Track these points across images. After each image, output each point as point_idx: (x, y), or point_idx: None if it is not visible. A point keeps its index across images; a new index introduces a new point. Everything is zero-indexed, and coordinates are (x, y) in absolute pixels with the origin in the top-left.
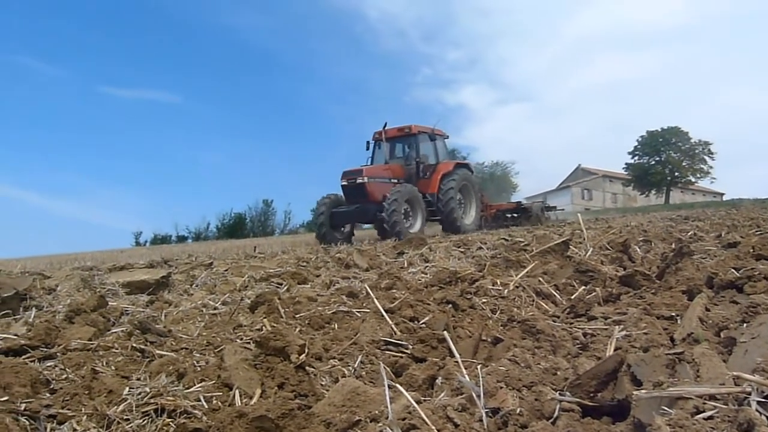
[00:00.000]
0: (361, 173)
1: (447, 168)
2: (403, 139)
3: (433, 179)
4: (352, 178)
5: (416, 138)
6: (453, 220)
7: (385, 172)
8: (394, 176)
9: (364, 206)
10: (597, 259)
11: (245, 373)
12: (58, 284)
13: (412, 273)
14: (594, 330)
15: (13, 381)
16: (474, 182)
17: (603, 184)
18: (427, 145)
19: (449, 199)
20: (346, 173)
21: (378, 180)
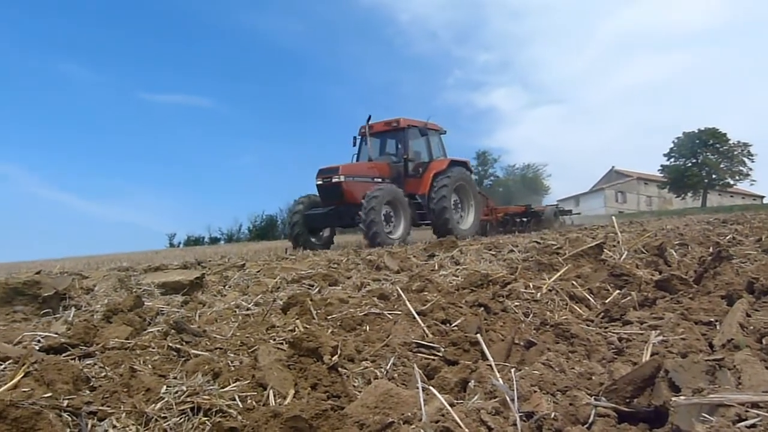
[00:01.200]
0: (337, 171)
1: (440, 166)
2: (391, 134)
3: (423, 179)
4: (328, 177)
5: (405, 133)
6: (446, 224)
7: (369, 170)
8: (380, 175)
9: (339, 208)
10: (632, 263)
11: (279, 374)
12: (96, 284)
13: (443, 275)
14: (629, 335)
15: (56, 378)
16: (472, 182)
17: (637, 187)
18: (418, 141)
19: (441, 201)
20: (321, 171)
21: (358, 179)
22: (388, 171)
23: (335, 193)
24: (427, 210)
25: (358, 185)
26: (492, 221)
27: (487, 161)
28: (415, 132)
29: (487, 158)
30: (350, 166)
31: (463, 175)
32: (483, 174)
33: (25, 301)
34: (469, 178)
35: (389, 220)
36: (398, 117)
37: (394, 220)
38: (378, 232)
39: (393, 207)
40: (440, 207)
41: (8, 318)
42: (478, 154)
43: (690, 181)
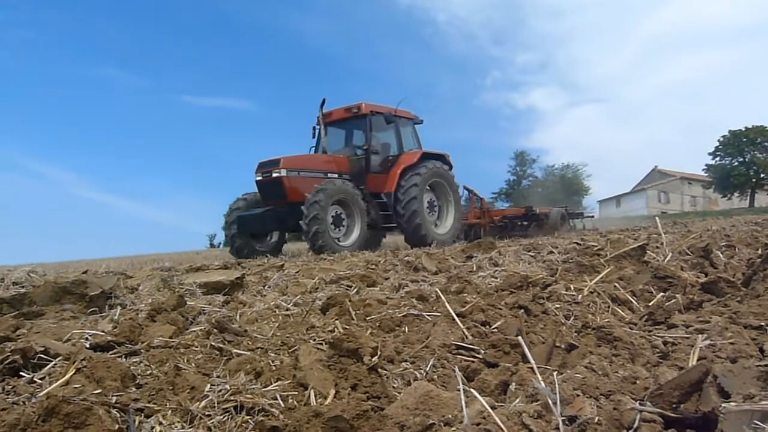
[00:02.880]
0: (277, 164)
1: (410, 160)
2: (351, 122)
3: (390, 174)
4: (268, 171)
5: (367, 120)
6: (417, 228)
7: (321, 163)
8: (337, 170)
9: (279, 208)
10: (676, 265)
11: (320, 374)
12: (140, 284)
13: (481, 277)
14: (675, 338)
15: (106, 375)
16: (452, 179)
17: (681, 187)
18: (384, 131)
19: (411, 202)
20: (261, 164)
21: (305, 173)
22: (348, 165)
23: (275, 191)
24: (394, 212)
25: (303, 181)
26: (484, 225)
27: (526, 162)
28: (379, 120)
29: (525, 159)
30: (295, 158)
31: (439, 170)
32: (522, 174)
33: (73, 299)
34: (447, 175)
35: (339, 222)
36: (360, 102)
37: (347, 223)
38: (322, 237)
39: (345, 207)
40: (410, 208)
41: (57, 316)
42: (516, 155)
43: (737, 181)
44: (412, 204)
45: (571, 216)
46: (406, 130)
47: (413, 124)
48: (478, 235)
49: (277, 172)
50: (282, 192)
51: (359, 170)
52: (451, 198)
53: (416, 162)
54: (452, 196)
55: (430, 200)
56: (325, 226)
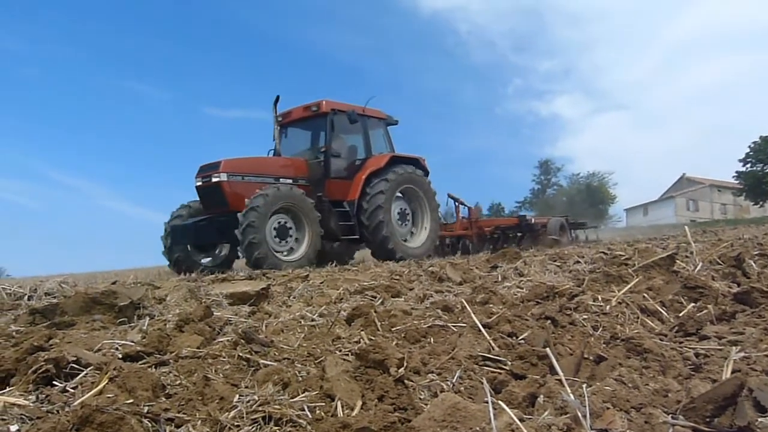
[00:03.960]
0: (217, 167)
1: (377, 164)
2: (311, 122)
3: (354, 180)
4: (207, 176)
5: (328, 120)
6: (384, 241)
7: (275, 167)
8: (294, 174)
9: (218, 218)
10: (707, 275)
11: (346, 385)
12: (168, 294)
13: (506, 287)
14: (707, 350)
15: (137, 385)
16: (428, 186)
17: (710, 194)
18: (350, 132)
19: (376, 211)
20: (201, 168)
21: (250, 178)
22: (306, 170)
23: (215, 197)
24: (358, 222)
25: (248, 187)
26: (471, 237)
27: (550, 170)
28: (342, 120)
29: (549, 167)
30: (238, 160)
31: (411, 176)
32: (546, 183)
33: (103, 310)
34: (421, 181)
35: (284, 234)
36: (321, 99)
37: (295, 235)
38: (259, 248)
39: (292, 216)
40: (375, 219)
41: (88, 326)
42: (540, 163)
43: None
44: (377, 214)
45: (573, 226)
46: (376, 132)
47: (385, 125)
48: (466, 248)
49: (216, 176)
50: (222, 199)
51: (319, 175)
52: (426, 207)
53: (384, 167)
54: (428, 205)
55: (402, 209)
56: (263, 236)
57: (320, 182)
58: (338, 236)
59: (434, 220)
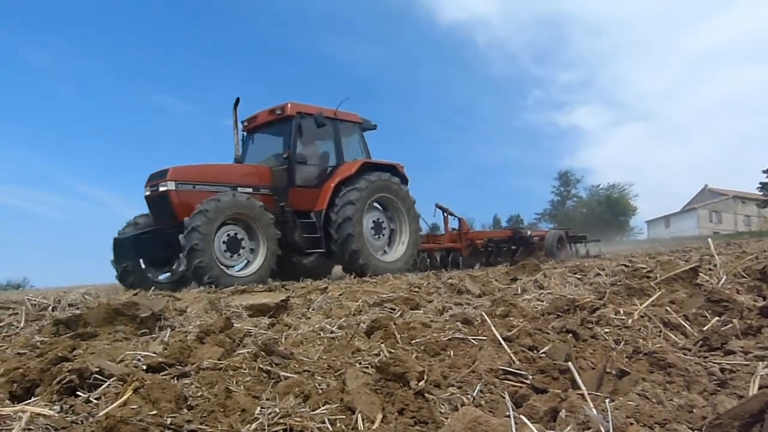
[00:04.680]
0: (165, 176)
1: (347, 171)
2: (278, 126)
3: (323, 189)
4: (155, 185)
5: (293, 123)
6: (353, 255)
7: (232, 175)
8: (257, 183)
9: (164, 230)
10: (731, 288)
11: (367, 398)
12: (188, 306)
13: (526, 300)
14: (732, 365)
15: (161, 396)
16: (406, 196)
17: (734, 206)
18: (320, 137)
19: (345, 223)
20: (150, 177)
21: (202, 187)
22: (270, 178)
23: (162, 208)
24: (324, 234)
25: (199, 196)
26: (461, 249)
27: (570, 181)
28: (309, 124)
29: (569, 178)
30: (189, 168)
31: (387, 184)
32: (566, 195)
33: (125, 321)
34: (398, 190)
35: (236, 246)
36: (287, 102)
37: (249, 247)
38: (202, 260)
39: (245, 228)
40: (344, 231)
41: (110, 337)
42: (560, 174)
43: None
44: (346, 226)
45: (573, 239)
46: (349, 138)
47: (361, 130)
48: (456, 262)
49: (164, 185)
50: (169, 209)
51: (284, 184)
52: (404, 218)
53: (355, 174)
54: (406, 216)
55: (377, 221)
56: (207, 246)
57: (283, 191)
58: (303, 250)
59: (413, 233)
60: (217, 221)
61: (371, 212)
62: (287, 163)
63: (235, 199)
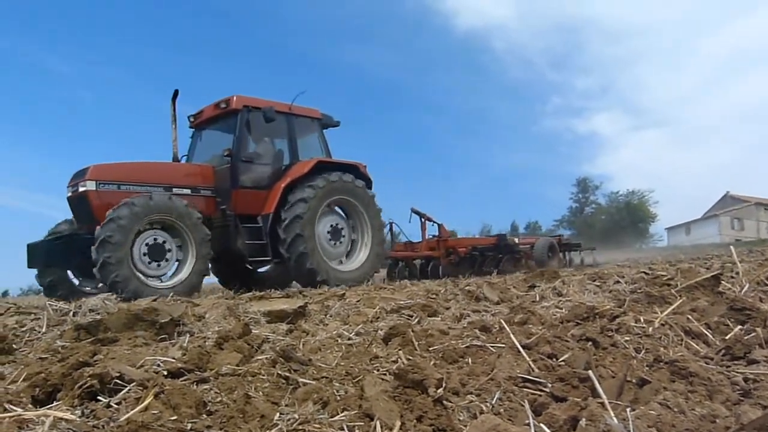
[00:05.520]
0: (84, 175)
1: (299, 171)
2: (224, 121)
3: (272, 191)
4: (75, 184)
5: (239, 118)
6: (300, 259)
7: (166, 175)
8: (199, 183)
9: (74, 235)
10: (754, 296)
11: (385, 405)
12: (207, 312)
13: (545, 307)
14: (756, 375)
15: (181, 402)
16: (369, 199)
17: (756, 213)
18: (267, 133)
19: (293, 221)
20: (73, 176)
21: (128, 187)
22: (213, 178)
23: (82, 210)
24: (270, 240)
25: (121, 198)
26: (440, 258)
27: (588, 188)
28: (257, 118)
29: (587, 185)
30: (113, 166)
31: (347, 186)
32: (584, 201)
33: (145, 326)
34: (359, 192)
35: (159, 254)
36: (233, 95)
37: (175, 256)
38: (118, 270)
39: (171, 233)
40: (292, 232)
41: (130, 342)
42: (578, 181)
43: None
44: (294, 226)
45: (567, 248)
46: (308, 135)
47: (321, 126)
48: (436, 271)
49: (83, 185)
50: (88, 211)
51: (227, 183)
52: (366, 224)
53: (307, 173)
54: (369, 222)
55: (336, 226)
56: (124, 255)
57: (227, 193)
58: (245, 258)
59: (377, 240)
60: (133, 229)
61: (329, 216)
62: (230, 162)
63: (155, 201)
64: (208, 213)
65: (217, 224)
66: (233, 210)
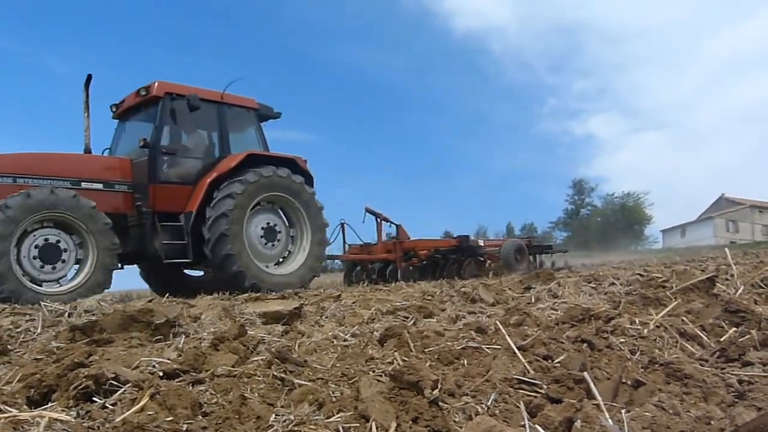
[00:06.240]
0: None
1: (228, 165)
2: (144, 111)
3: (197, 186)
4: None
5: (160, 106)
6: (225, 261)
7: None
8: (116, 178)
9: None
10: (749, 298)
11: (381, 406)
12: (202, 313)
13: (540, 309)
14: (751, 377)
15: (177, 403)
16: (308, 197)
17: (751, 215)
18: (192, 123)
19: (219, 219)
20: None
21: (27, 181)
22: (131, 172)
23: None
24: (189, 239)
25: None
26: (398, 261)
27: (584, 190)
28: (180, 107)
29: (583, 187)
30: (8, 157)
31: (282, 181)
32: (580, 203)
33: (140, 327)
34: (297, 188)
35: (53, 256)
36: (155, 81)
37: (73, 256)
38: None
39: (69, 232)
40: (216, 230)
41: (126, 343)
42: (574, 183)
43: None
44: (219, 224)
45: (537, 250)
46: (242, 127)
47: (258, 118)
48: (395, 275)
49: None
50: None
51: (145, 179)
52: (306, 224)
53: (234, 168)
54: (308, 222)
55: (270, 225)
56: (3, 254)
57: (145, 188)
58: (161, 259)
59: (317, 242)
60: (21, 224)
61: (263, 214)
62: (148, 154)
63: (33, 198)
64: (124, 210)
65: (132, 222)
66: (151, 207)
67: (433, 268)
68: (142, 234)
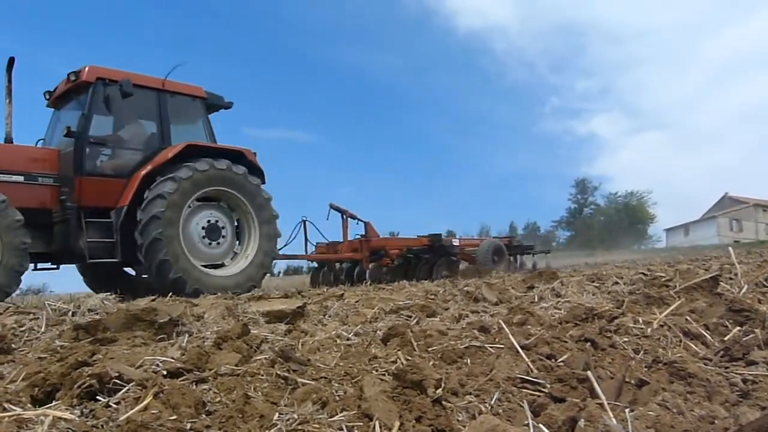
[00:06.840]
0: None
1: (163, 158)
2: (75, 97)
3: (131, 180)
4: None
5: (90, 92)
6: (161, 266)
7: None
8: (41, 170)
9: None
10: (753, 297)
11: (384, 405)
12: (205, 312)
13: (544, 308)
14: (755, 376)
15: (181, 402)
16: (256, 191)
17: (755, 214)
18: (129, 111)
19: (151, 221)
20: None
21: None
22: (57, 163)
23: None
24: (118, 236)
25: None
26: (363, 261)
27: (587, 189)
28: (114, 93)
29: (586, 186)
30: None
31: (224, 175)
32: (583, 202)
33: (143, 326)
34: (240, 181)
35: None
36: (86, 65)
37: None
38: None
39: None
40: (149, 233)
41: (129, 342)
42: (577, 182)
43: None
44: (153, 227)
45: (518, 250)
46: (187, 117)
47: (205, 107)
48: (362, 275)
49: None
50: None
51: (71, 171)
52: (253, 221)
53: (172, 160)
54: (255, 218)
55: (214, 222)
56: None
57: (71, 181)
58: (88, 257)
59: (266, 239)
60: None
61: (205, 210)
62: (75, 144)
63: None
64: (50, 205)
65: (57, 218)
66: (76, 201)
67: (405, 269)
68: (67, 231)
